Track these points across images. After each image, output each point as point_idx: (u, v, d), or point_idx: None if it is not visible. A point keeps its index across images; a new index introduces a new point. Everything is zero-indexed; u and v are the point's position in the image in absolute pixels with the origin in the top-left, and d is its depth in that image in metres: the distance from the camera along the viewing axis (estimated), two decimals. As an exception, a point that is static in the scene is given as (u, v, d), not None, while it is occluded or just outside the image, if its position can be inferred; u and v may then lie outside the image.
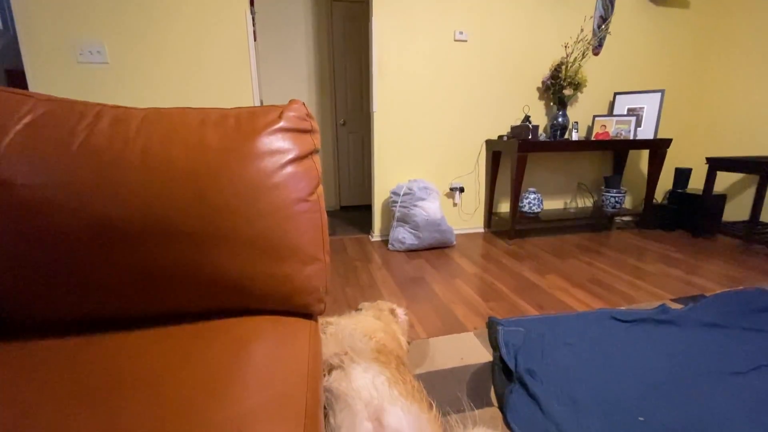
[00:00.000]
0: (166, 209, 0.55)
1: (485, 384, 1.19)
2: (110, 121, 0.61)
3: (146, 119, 0.62)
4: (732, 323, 1.50)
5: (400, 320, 1.37)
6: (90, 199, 0.54)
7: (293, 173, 0.62)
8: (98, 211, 0.54)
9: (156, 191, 0.55)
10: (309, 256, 0.65)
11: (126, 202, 0.54)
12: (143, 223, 0.54)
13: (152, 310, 0.60)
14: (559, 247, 2.56)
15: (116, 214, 0.54)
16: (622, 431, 0.98)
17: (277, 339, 0.58)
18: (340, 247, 2.59)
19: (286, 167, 0.62)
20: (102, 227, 0.54)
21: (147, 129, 0.60)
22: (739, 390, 1.12)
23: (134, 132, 0.60)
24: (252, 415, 0.44)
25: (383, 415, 0.80)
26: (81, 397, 0.45)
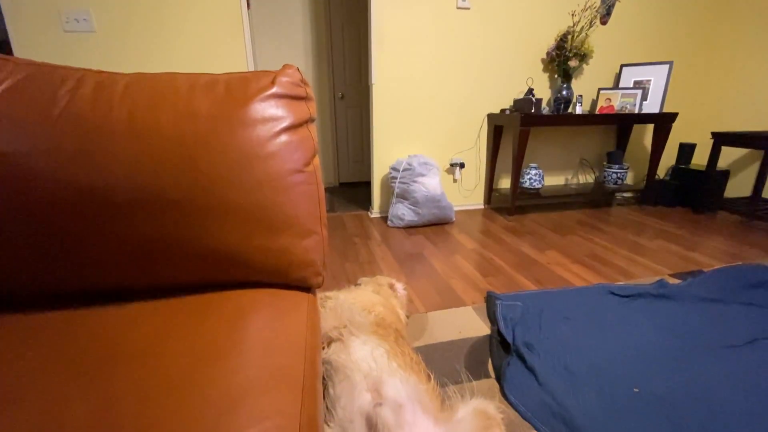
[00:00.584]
0: (155, 178, 0.53)
1: (483, 356, 1.21)
2: (93, 87, 0.57)
3: (131, 84, 0.59)
4: (729, 298, 1.51)
5: (399, 295, 1.37)
6: (74, 167, 0.51)
7: (287, 142, 0.60)
8: (83, 181, 0.51)
9: (143, 160, 0.53)
10: (305, 229, 0.63)
11: (112, 171, 0.52)
12: (131, 193, 0.52)
13: (146, 282, 0.58)
14: (559, 223, 2.56)
15: (102, 183, 0.52)
16: (616, 401, 1.00)
17: (275, 312, 0.58)
18: (339, 223, 2.58)
19: (280, 136, 0.59)
20: (88, 197, 0.51)
21: (132, 95, 0.57)
22: (733, 362, 1.14)
23: (119, 98, 0.57)
24: (248, 386, 0.43)
25: (382, 386, 0.80)
26: (74, 370, 0.44)
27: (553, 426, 0.93)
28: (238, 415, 0.39)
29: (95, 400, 0.40)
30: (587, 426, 0.90)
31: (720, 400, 0.99)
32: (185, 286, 0.60)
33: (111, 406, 0.39)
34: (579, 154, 3.09)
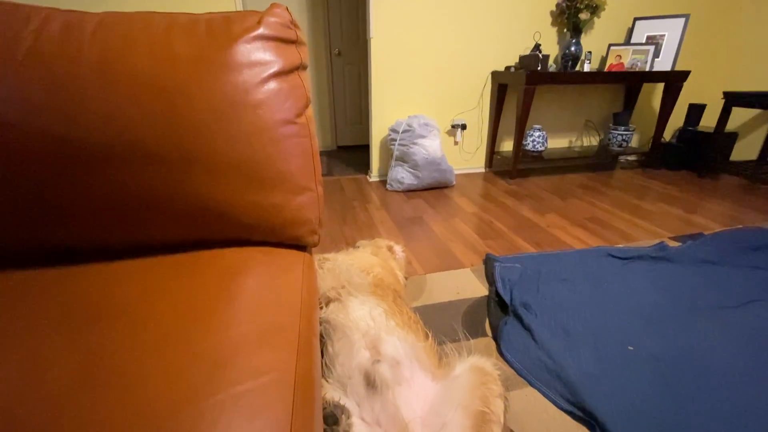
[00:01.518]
0: (133, 129, 0.49)
1: (480, 316, 1.22)
2: (61, 26, 0.52)
3: (102, 25, 0.53)
4: (728, 260, 1.51)
5: (398, 257, 1.37)
6: (44, 117, 0.47)
7: (277, 90, 0.55)
8: (55, 131, 0.47)
9: (118, 108, 0.49)
10: (299, 186, 0.60)
11: (85, 120, 0.48)
12: (108, 144, 0.49)
13: (133, 241, 0.56)
14: (561, 186, 2.52)
15: (76, 134, 0.48)
16: (611, 359, 1.01)
17: (269, 270, 0.56)
18: (337, 187, 2.54)
19: (268, 82, 0.54)
20: (61, 149, 0.48)
21: (104, 36, 0.52)
22: (728, 323, 1.15)
23: (89, 39, 0.51)
24: (242, 342, 0.42)
25: (380, 344, 0.81)
26: (58, 327, 0.43)
27: (547, 382, 0.95)
28: (231, 371, 0.38)
29: (80, 356, 0.39)
30: (581, 382, 0.92)
31: (713, 358, 1.01)
32: (175, 245, 0.58)
33: (97, 363, 0.38)
34: (584, 116, 2.99)
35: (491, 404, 0.72)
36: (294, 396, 0.38)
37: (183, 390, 0.36)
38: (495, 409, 0.72)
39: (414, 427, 0.69)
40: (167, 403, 0.34)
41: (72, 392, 0.36)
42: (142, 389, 0.36)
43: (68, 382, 0.37)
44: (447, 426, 0.69)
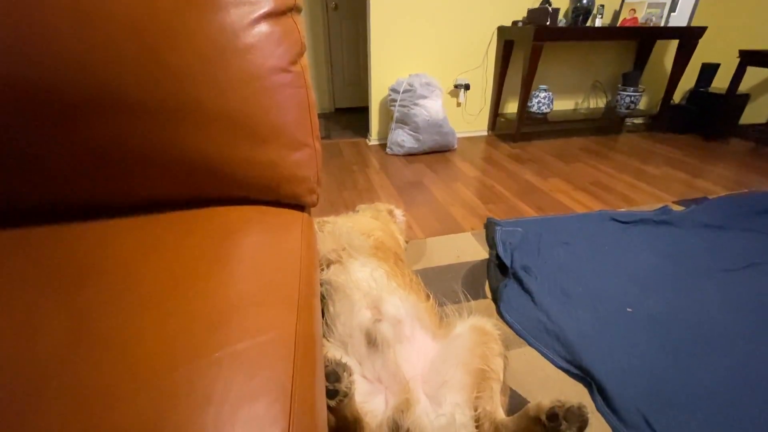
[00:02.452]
0: (111, 75, 0.45)
1: (480, 279, 1.22)
2: (22, -43, 0.46)
3: (70, -45, 0.47)
4: (731, 224, 1.49)
5: (398, 221, 1.35)
6: (10, 61, 0.43)
7: (268, 33, 0.50)
8: (22, 76, 0.43)
9: (94, 52, 0.44)
10: (295, 141, 0.56)
11: (58, 65, 0.44)
12: (84, 92, 0.44)
13: (120, 198, 0.53)
14: (565, 150, 2.46)
15: (48, 81, 0.44)
16: (609, 320, 1.02)
17: (266, 229, 0.54)
18: (335, 151, 2.48)
19: (259, 24, 0.49)
20: (31, 96, 0.44)
21: (72, -32, 0.46)
22: (727, 285, 1.15)
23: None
24: (240, 301, 0.41)
25: (381, 304, 0.81)
26: (47, 286, 0.41)
27: (545, 342, 0.97)
28: (229, 330, 0.37)
29: (71, 316, 0.38)
30: (579, 342, 0.94)
31: (711, 319, 1.02)
32: (166, 203, 0.55)
33: (88, 322, 0.37)
34: (592, 76, 2.87)
35: (491, 362, 0.73)
36: (294, 354, 0.37)
37: (179, 349, 0.34)
38: (495, 367, 0.72)
39: (414, 384, 0.69)
40: (163, 361, 0.33)
41: (63, 352, 0.35)
42: (137, 348, 0.35)
43: (59, 343, 0.36)
44: (447, 383, 0.70)
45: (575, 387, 0.85)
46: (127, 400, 0.30)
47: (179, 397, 0.31)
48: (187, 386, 0.31)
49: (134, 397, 0.30)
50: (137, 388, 0.31)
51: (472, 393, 0.69)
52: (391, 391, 0.69)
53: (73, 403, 0.30)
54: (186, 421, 0.29)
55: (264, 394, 0.33)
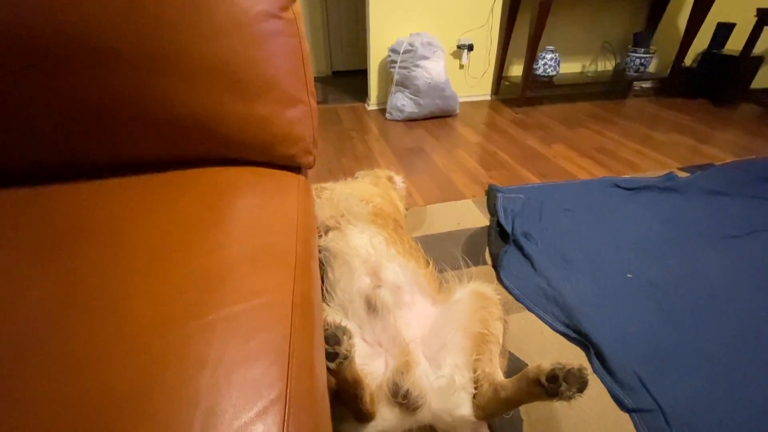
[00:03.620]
0: (86, 20, 0.40)
1: (480, 246, 1.21)
2: None
3: None
4: (736, 191, 1.47)
5: (398, 187, 1.32)
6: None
7: (256, -28, 0.45)
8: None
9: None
10: (288, 96, 0.53)
11: (28, 9, 0.39)
12: (58, 39, 0.40)
13: (105, 157, 0.50)
14: (570, 115, 2.39)
15: (18, 27, 0.39)
16: (609, 286, 1.02)
17: (261, 190, 0.51)
18: (333, 116, 2.41)
19: (245, -39, 0.44)
20: (11, 44, 0.40)
21: None
22: (729, 251, 1.15)
23: None
24: (234, 264, 0.39)
25: (381, 270, 0.80)
26: (33, 248, 0.39)
27: (545, 307, 0.97)
28: (223, 292, 0.36)
29: (58, 278, 0.36)
30: (578, 307, 0.94)
31: (712, 285, 1.02)
32: (155, 163, 0.52)
33: (76, 284, 0.35)
34: (602, 36, 2.73)
35: (491, 326, 0.73)
36: (292, 316, 0.36)
37: (171, 311, 0.33)
38: (494, 331, 0.72)
39: (414, 347, 0.70)
40: (154, 324, 0.32)
41: (52, 316, 0.33)
42: (127, 311, 0.33)
43: (47, 306, 0.34)
44: (447, 346, 0.71)
45: (573, 350, 0.86)
46: (118, 364, 0.29)
47: (172, 360, 0.29)
48: (180, 349, 0.30)
49: (125, 361, 0.29)
50: (128, 351, 0.30)
51: (472, 355, 0.69)
52: (391, 354, 0.70)
53: (63, 367, 0.29)
54: (179, 385, 0.28)
55: (260, 356, 0.32)
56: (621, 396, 0.75)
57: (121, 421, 0.26)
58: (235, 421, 0.27)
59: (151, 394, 0.27)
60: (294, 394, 0.30)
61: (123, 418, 0.26)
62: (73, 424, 0.25)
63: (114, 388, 0.28)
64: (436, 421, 0.64)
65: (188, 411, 0.26)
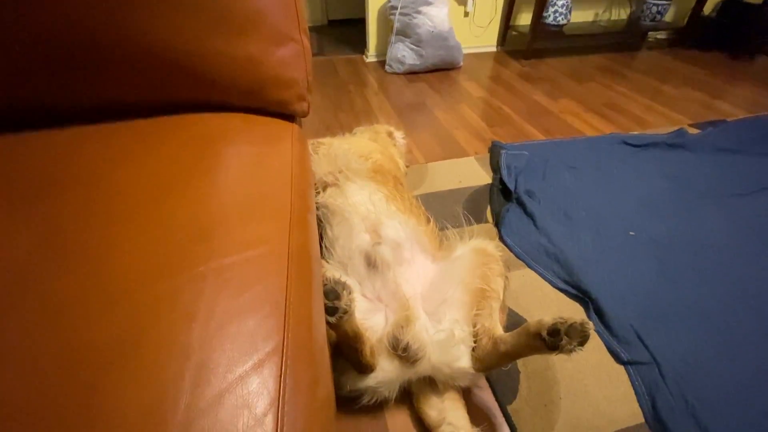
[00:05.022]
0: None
1: (482, 204, 1.19)
2: None
3: None
4: (747, 149, 1.43)
5: (398, 144, 1.27)
6: None
7: None
8: None
9: None
10: (278, 33, 0.47)
11: None
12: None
13: (80, 100, 0.46)
14: (579, 68, 2.27)
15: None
16: (610, 243, 1.01)
17: (251, 139, 0.47)
18: (329, 69, 2.28)
19: None
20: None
21: None
22: (735, 210, 1.12)
23: None
24: (224, 214, 0.36)
25: (381, 227, 0.78)
26: (8, 199, 0.36)
27: (545, 264, 0.97)
28: (212, 243, 0.33)
29: (37, 228, 0.33)
30: (579, 264, 0.93)
31: (714, 243, 1.01)
32: (136, 107, 0.48)
33: (57, 235, 0.33)
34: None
35: (491, 282, 0.72)
36: (288, 269, 0.34)
37: (157, 263, 0.31)
38: (495, 287, 0.72)
39: (414, 302, 0.69)
40: (139, 276, 0.30)
41: (32, 266, 0.31)
42: (111, 262, 0.31)
43: (26, 257, 0.32)
44: (447, 301, 0.70)
45: (572, 306, 0.86)
46: (101, 316, 0.28)
47: (159, 312, 0.28)
48: (168, 302, 0.28)
49: (109, 313, 0.28)
50: (112, 303, 0.28)
51: (472, 311, 0.69)
52: (391, 309, 0.70)
53: (43, 320, 0.27)
54: (168, 338, 0.26)
55: (255, 309, 0.30)
56: (617, 349, 0.76)
57: (107, 375, 0.24)
58: (229, 374, 0.25)
59: (138, 348, 0.26)
60: (291, 346, 0.29)
61: (109, 372, 0.24)
62: (56, 378, 0.24)
63: (98, 341, 0.26)
64: (436, 373, 0.66)
65: (178, 364, 0.25)
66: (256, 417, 0.24)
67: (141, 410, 0.23)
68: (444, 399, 0.66)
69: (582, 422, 0.66)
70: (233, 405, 0.24)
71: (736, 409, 0.66)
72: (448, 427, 0.62)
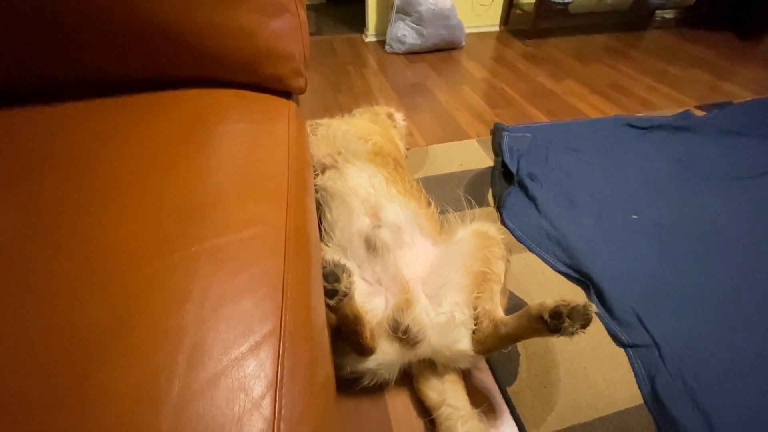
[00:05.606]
0: None
1: (484, 187, 1.17)
2: None
3: None
4: (752, 131, 1.40)
5: (398, 126, 1.25)
6: None
7: None
8: None
9: None
10: (272, 3, 0.45)
11: None
12: None
13: (65, 73, 0.44)
14: (584, 49, 2.21)
15: None
16: (613, 227, 1.00)
17: (246, 116, 0.46)
18: (328, 49, 2.22)
19: None
20: None
21: None
22: (739, 193, 1.11)
23: None
24: (217, 194, 0.35)
25: (381, 210, 0.77)
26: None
27: (546, 247, 0.96)
28: (206, 223, 0.32)
29: (22, 207, 0.32)
30: (580, 247, 0.92)
31: (717, 226, 1.00)
32: (126, 83, 0.46)
33: (42, 213, 0.31)
34: (627, -44, 2.44)
35: (492, 265, 0.71)
36: (285, 250, 0.33)
37: (148, 243, 0.30)
38: (496, 270, 0.71)
39: (415, 285, 0.69)
40: (129, 256, 0.29)
41: (16, 247, 0.30)
42: (99, 242, 0.30)
43: (11, 237, 0.31)
44: (447, 284, 0.70)
45: (573, 289, 0.86)
46: (92, 298, 0.26)
47: (152, 293, 0.27)
48: (160, 282, 0.27)
49: (100, 294, 0.27)
50: (102, 284, 0.27)
51: (472, 294, 0.68)
52: (391, 292, 0.69)
53: (33, 301, 0.26)
54: (160, 319, 0.25)
55: (251, 290, 0.29)
56: (617, 332, 0.76)
57: (99, 357, 0.23)
58: (224, 356, 0.24)
59: (129, 330, 0.25)
60: (289, 328, 0.28)
61: (100, 354, 0.23)
62: (46, 360, 0.23)
63: (88, 324, 0.25)
64: (436, 355, 0.65)
65: (172, 346, 0.24)
66: (252, 400, 0.23)
67: (133, 392, 0.22)
68: (444, 381, 0.66)
69: (581, 404, 0.66)
70: (229, 388, 0.23)
71: (735, 392, 0.66)
72: (448, 409, 0.62)
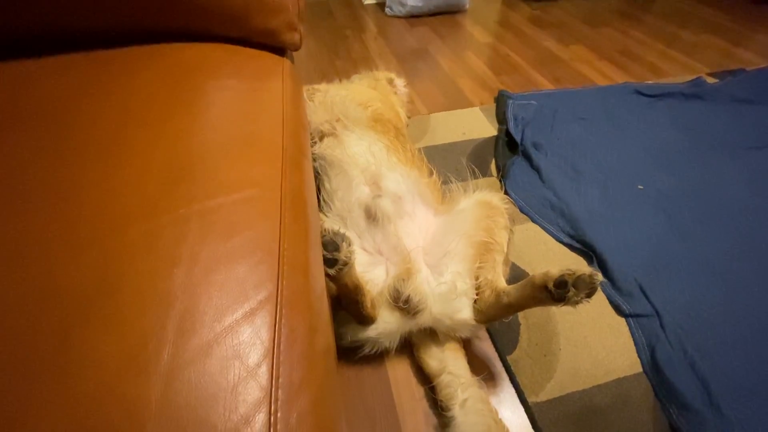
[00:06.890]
0: None
1: (487, 157, 1.14)
2: None
3: None
4: (766, 100, 1.35)
5: (399, 92, 1.20)
6: None
7: None
8: None
9: None
10: (263, -57, 0.40)
11: None
12: None
13: (40, 27, 0.40)
14: (593, 12, 2.11)
15: None
16: (618, 197, 0.98)
17: (236, 71, 0.42)
18: (324, 12, 2.11)
19: None
20: None
21: None
22: (748, 163, 1.08)
23: None
24: (207, 152, 0.32)
25: (381, 179, 0.74)
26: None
27: (549, 218, 0.94)
28: (193, 184, 0.30)
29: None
30: (584, 218, 0.91)
31: (724, 197, 0.97)
32: (104, 36, 0.42)
33: (15, 171, 0.29)
34: None
35: (495, 235, 0.70)
36: (281, 214, 0.31)
37: (131, 204, 0.28)
38: (499, 240, 0.70)
39: (416, 255, 0.67)
40: (113, 218, 0.27)
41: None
42: (78, 203, 0.27)
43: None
44: (449, 254, 0.68)
45: (576, 260, 0.85)
46: (73, 262, 0.25)
47: (137, 257, 0.25)
48: (145, 246, 0.25)
49: (80, 257, 0.25)
50: (84, 247, 0.25)
51: (474, 263, 0.67)
52: (392, 262, 0.68)
53: (9, 265, 0.25)
54: (147, 284, 0.24)
55: (245, 255, 0.27)
56: (619, 302, 0.75)
57: (80, 322, 0.22)
58: (217, 323, 0.23)
59: (113, 294, 0.23)
60: (287, 294, 0.26)
61: (81, 319, 0.22)
62: (23, 324, 0.22)
63: (69, 288, 0.23)
64: (437, 324, 0.65)
65: (160, 312, 0.22)
66: (248, 368, 0.22)
67: (118, 359, 0.20)
68: (444, 349, 0.66)
69: (580, 372, 0.66)
70: (223, 356, 0.22)
71: (735, 361, 0.66)
72: (448, 377, 0.63)
